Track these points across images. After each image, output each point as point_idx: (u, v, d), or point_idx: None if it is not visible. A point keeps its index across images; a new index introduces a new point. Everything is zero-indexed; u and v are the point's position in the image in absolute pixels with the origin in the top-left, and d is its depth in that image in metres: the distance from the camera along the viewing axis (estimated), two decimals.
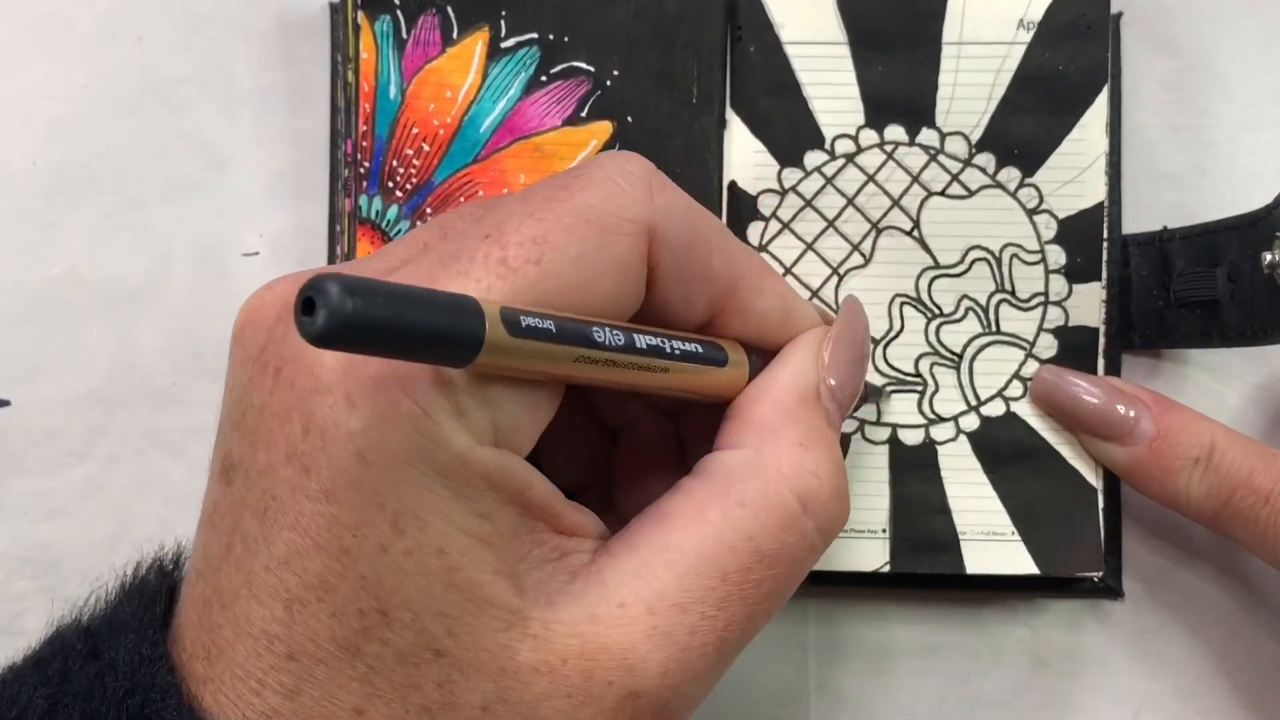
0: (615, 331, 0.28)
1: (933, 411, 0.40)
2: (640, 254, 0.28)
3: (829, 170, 0.40)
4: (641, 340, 0.28)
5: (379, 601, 0.26)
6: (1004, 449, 0.40)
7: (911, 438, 0.40)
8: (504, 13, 0.41)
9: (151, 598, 0.29)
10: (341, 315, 0.21)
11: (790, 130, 0.41)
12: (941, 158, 0.40)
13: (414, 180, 0.40)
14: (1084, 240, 0.40)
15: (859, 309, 0.34)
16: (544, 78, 0.41)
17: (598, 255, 0.27)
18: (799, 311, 0.33)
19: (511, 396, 0.27)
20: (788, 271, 0.40)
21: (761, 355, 0.32)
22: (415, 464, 0.25)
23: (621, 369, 0.28)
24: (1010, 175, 0.40)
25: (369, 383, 0.25)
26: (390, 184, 0.40)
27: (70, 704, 0.26)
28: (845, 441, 0.40)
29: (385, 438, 0.25)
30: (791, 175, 0.41)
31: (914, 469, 0.40)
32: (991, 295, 0.40)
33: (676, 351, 0.29)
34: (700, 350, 0.30)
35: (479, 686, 0.26)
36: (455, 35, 0.41)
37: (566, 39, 0.41)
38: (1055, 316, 0.40)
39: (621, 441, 0.36)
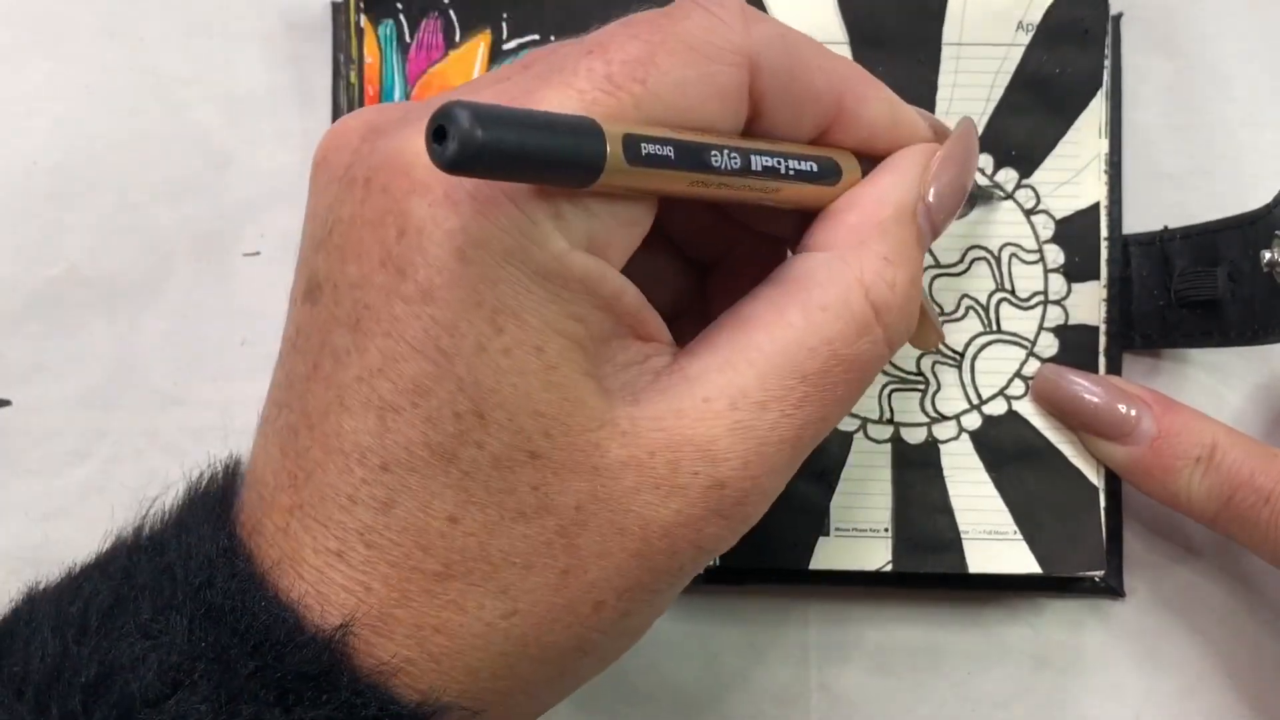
0: (732, 154, 0.28)
1: (935, 410, 0.40)
2: (741, 84, 0.28)
3: None
4: (758, 162, 0.29)
5: (475, 403, 0.26)
6: (1006, 448, 0.40)
7: (914, 436, 0.40)
8: (505, 15, 0.41)
9: (220, 496, 0.29)
10: (473, 143, 0.22)
11: None
12: None
13: None
14: (1082, 240, 0.40)
15: (971, 131, 0.34)
16: None
17: (700, 82, 0.27)
18: (905, 117, 0.33)
19: (608, 208, 0.27)
20: None
21: (873, 163, 0.32)
22: (514, 262, 0.25)
23: (735, 190, 0.28)
24: (1008, 176, 0.40)
25: (467, 182, 0.25)
26: None
27: (138, 596, 0.26)
28: (847, 440, 0.40)
29: (485, 235, 0.25)
30: None
31: (916, 468, 0.40)
32: (991, 294, 0.40)
33: (791, 171, 0.30)
34: (815, 169, 0.30)
35: (572, 486, 0.27)
36: (458, 38, 0.41)
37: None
38: (1055, 315, 0.40)
39: (720, 270, 0.36)
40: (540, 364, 0.26)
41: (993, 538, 0.40)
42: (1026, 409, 0.40)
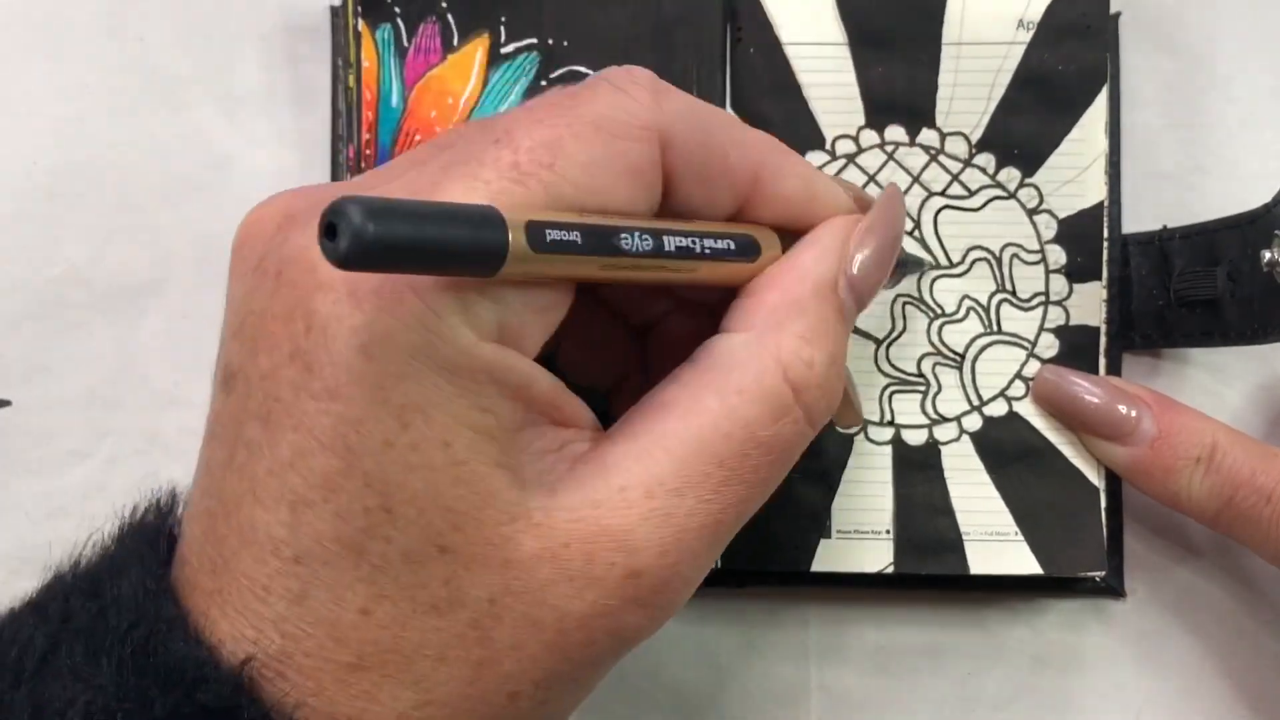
0: (644, 236, 0.28)
1: (935, 412, 0.40)
2: (653, 160, 0.28)
3: (830, 171, 0.41)
4: (671, 242, 0.28)
5: (384, 499, 0.26)
6: (1007, 449, 0.40)
7: (914, 438, 0.40)
8: (503, 18, 0.41)
9: (152, 535, 0.29)
10: (364, 238, 0.22)
11: (791, 131, 0.41)
12: (942, 158, 0.41)
13: None
14: (1084, 240, 0.40)
15: (898, 198, 0.34)
16: (544, 82, 0.41)
17: (609, 161, 0.27)
18: (824, 189, 0.32)
19: (519, 296, 0.27)
20: None
21: (795, 238, 0.32)
22: (419, 358, 0.25)
23: (649, 271, 0.28)
24: (1010, 175, 0.40)
25: (372, 278, 0.25)
26: None
27: (72, 641, 0.26)
28: (848, 442, 0.40)
29: (389, 332, 0.25)
30: None
31: (917, 469, 0.40)
32: (992, 295, 0.40)
33: (707, 251, 0.29)
34: (732, 246, 0.30)
35: (485, 580, 0.26)
36: (456, 42, 0.41)
37: (566, 43, 0.41)
38: (1056, 316, 0.40)
39: (653, 338, 0.36)
40: (447, 459, 0.26)
41: (994, 539, 0.40)
42: (1027, 410, 0.40)
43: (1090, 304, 0.40)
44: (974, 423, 0.40)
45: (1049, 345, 0.40)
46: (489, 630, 0.27)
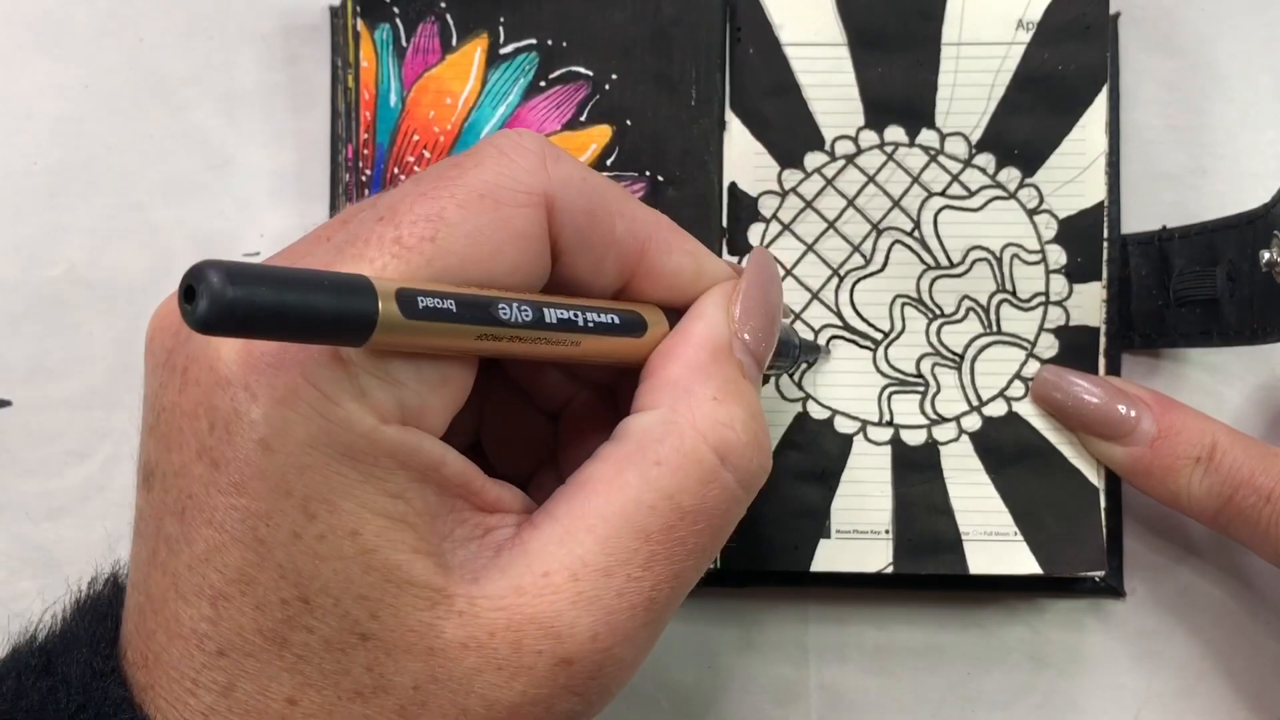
0: (523, 307, 0.28)
1: (935, 412, 0.40)
2: (539, 225, 0.28)
3: (829, 171, 0.41)
4: (551, 314, 0.28)
5: (299, 589, 0.26)
6: (1006, 449, 0.40)
7: (914, 438, 0.40)
8: (502, 19, 0.41)
9: (104, 612, 0.29)
10: (222, 301, 0.21)
11: (790, 131, 0.41)
12: (941, 158, 0.41)
13: None
14: (1084, 240, 0.40)
15: (766, 259, 0.34)
16: (543, 83, 0.41)
17: (494, 229, 0.27)
18: (711, 268, 0.33)
19: (415, 374, 0.27)
20: (788, 273, 0.41)
21: (681, 317, 0.32)
22: (319, 448, 0.25)
23: (531, 343, 0.28)
24: (1010, 175, 0.40)
25: (267, 370, 0.25)
26: None
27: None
28: (847, 443, 0.40)
29: (286, 424, 0.25)
30: (792, 177, 0.41)
31: (916, 469, 0.40)
32: (992, 295, 0.40)
33: (590, 324, 0.29)
34: (616, 321, 0.30)
35: (408, 667, 0.26)
36: (454, 42, 0.41)
37: (565, 44, 0.41)
38: (1056, 316, 0.40)
39: (561, 423, 0.35)
40: (357, 548, 0.26)
41: (993, 539, 0.40)
42: (1026, 410, 0.40)
43: (1090, 304, 0.40)
44: (973, 423, 0.40)
45: (1049, 345, 0.40)
46: (415, 718, 0.27)
